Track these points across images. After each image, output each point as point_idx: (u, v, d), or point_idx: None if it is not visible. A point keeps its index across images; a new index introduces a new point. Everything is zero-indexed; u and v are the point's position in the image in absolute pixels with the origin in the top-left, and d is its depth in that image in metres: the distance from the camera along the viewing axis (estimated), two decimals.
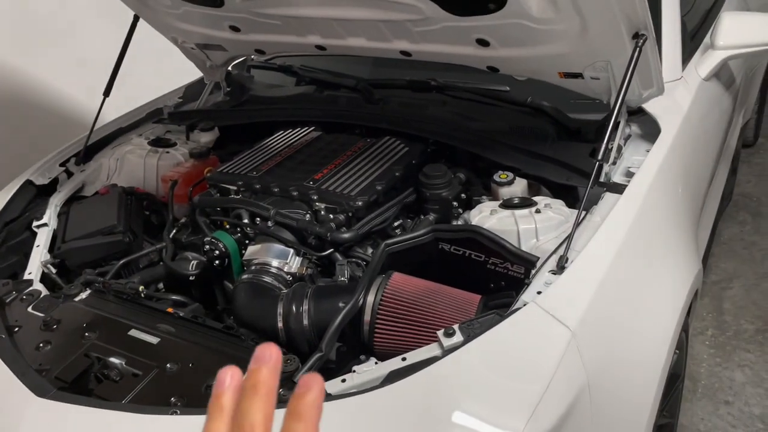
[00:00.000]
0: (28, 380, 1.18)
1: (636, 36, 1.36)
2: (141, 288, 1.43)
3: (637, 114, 1.70)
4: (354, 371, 1.10)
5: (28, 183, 1.84)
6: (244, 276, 1.43)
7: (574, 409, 1.06)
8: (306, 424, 0.44)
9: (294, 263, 1.46)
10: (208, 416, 0.46)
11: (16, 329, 1.35)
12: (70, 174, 1.93)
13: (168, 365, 1.19)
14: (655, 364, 1.31)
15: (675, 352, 1.43)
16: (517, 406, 1.01)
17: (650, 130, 1.66)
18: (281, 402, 0.45)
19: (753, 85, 3.03)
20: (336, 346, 1.25)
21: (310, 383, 0.45)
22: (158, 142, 2.03)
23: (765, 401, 2.18)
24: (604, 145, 1.37)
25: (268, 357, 0.47)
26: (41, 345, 1.30)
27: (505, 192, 1.53)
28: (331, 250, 1.46)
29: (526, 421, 0.98)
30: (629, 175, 1.50)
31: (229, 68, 2.27)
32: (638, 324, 1.30)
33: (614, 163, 1.54)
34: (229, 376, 0.47)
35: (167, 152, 1.98)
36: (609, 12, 1.30)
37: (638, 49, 1.37)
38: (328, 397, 1.06)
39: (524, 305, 1.13)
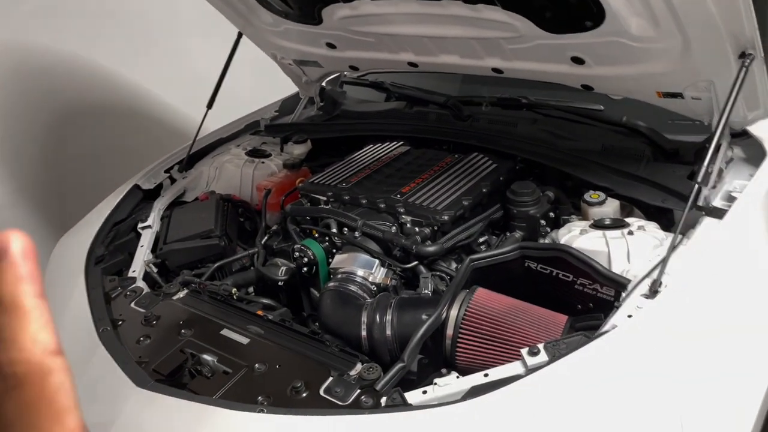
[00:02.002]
0: (129, 370, 1.26)
1: (743, 55, 1.31)
2: (234, 290, 1.50)
3: (741, 137, 1.62)
4: (436, 384, 1.11)
5: (136, 187, 1.98)
6: (331, 284, 1.47)
7: None
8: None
9: (379, 274, 1.49)
10: None
11: (120, 323, 1.45)
12: (173, 180, 2.05)
13: (257, 365, 1.24)
14: (751, 401, 1.23)
15: None
16: None
17: (754, 154, 1.58)
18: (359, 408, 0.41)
19: None
20: (418, 357, 1.26)
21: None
22: (254, 153, 2.13)
23: None
24: (704, 167, 1.32)
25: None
26: (142, 339, 1.38)
27: (596, 212, 1.50)
28: (416, 262, 1.48)
29: None
30: (730, 199, 1.43)
31: (323, 84, 2.36)
32: (733, 356, 1.23)
33: (714, 187, 1.47)
34: None
35: (262, 162, 2.07)
36: (714, 31, 1.26)
37: (745, 68, 1.31)
38: (409, 407, 1.07)
39: (613, 328, 1.10)
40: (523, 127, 1.84)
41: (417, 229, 1.53)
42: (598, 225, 1.40)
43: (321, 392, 1.15)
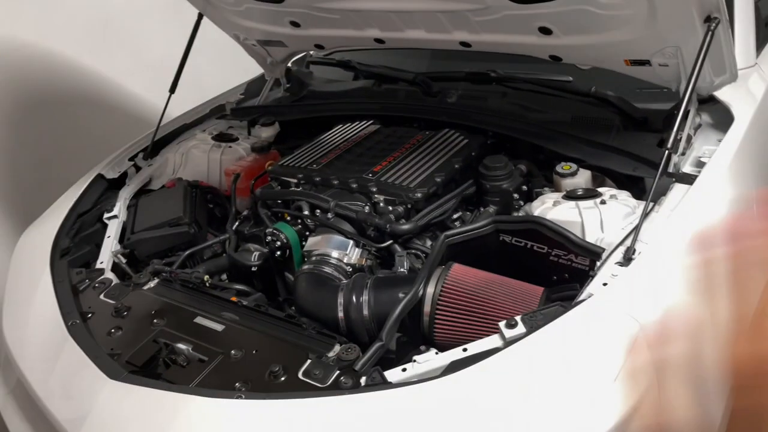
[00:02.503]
0: (101, 363, 1.23)
1: (708, 19, 1.31)
2: (206, 277, 1.47)
3: (708, 102, 1.63)
4: (415, 361, 1.10)
5: (100, 177, 1.93)
6: (305, 266, 1.45)
7: (641, 406, 1.03)
8: None
9: (354, 254, 1.47)
10: None
11: (90, 315, 1.41)
12: (138, 168, 2.00)
13: (233, 352, 1.22)
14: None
15: None
16: (581, 402, 0.98)
17: (722, 119, 1.59)
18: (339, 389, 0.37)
19: None
20: (396, 336, 1.25)
21: None
22: (221, 137, 2.08)
23: None
24: (673, 134, 1.32)
25: None
26: (113, 330, 1.35)
27: (568, 183, 1.50)
28: (391, 241, 1.46)
29: (589, 417, 0.95)
30: (700, 165, 1.44)
31: (289, 64, 2.31)
32: (709, 320, 1.25)
33: (683, 153, 1.48)
34: None
35: (230, 147, 2.02)
36: None
37: (710, 32, 1.31)
38: (389, 385, 1.06)
39: (590, 297, 1.10)
40: (493, 101, 1.83)
41: (390, 207, 1.51)
42: (571, 196, 1.41)
43: (300, 375, 1.13)
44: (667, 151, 1.32)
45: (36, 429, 1.37)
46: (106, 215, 1.77)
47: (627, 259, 1.17)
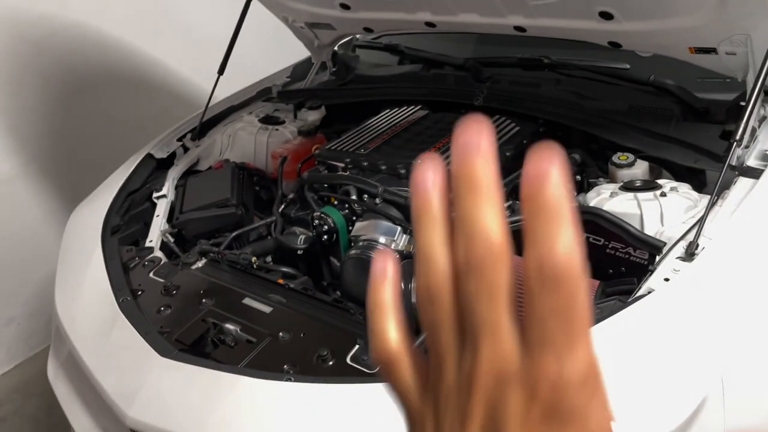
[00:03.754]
0: (151, 340, 1.24)
1: None
2: (254, 259, 1.47)
3: None
4: None
5: (149, 156, 1.94)
6: (352, 252, 1.43)
7: (704, 406, 0.99)
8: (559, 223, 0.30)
9: (401, 240, 1.45)
10: (417, 227, 0.34)
11: (140, 293, 1.43)
12: (186, 149, 2.01)
13: (281, 334, 1.22)
14: None
15: None
16: (639, 401, 0.95)
17: None
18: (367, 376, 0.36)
19: None
20: None
21: (543, 167, 0.29)
22: (268, 120, 2.08)
23: None
24: (742, 125, 1.26)
25: (476, 145, 0.31)
26: (162, 309, 1.36)
27: (625, 174, 1.45)
28: None
29: (647, 418, 0.92)
30: (765, 159, 1.38)
31: (336, 48, 2.29)
32: None
33: (747, 146, 1.42)
34: (430, 174, 0.34)
35: (276, 130, 2.02)
36: None
37: None
38: None
39: (650, 292, 1.07)
40: (546, 88, 1.79)
41: None
42: (629, 187, 1.36)
43: (348, 360, 1.12)
44: (734, 143, 1.27)
45: (85, 402, 1.40)
46: (155, 194, 1.78)
47: (690, 254, 1.13)
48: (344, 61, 2.31)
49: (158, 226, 1.67)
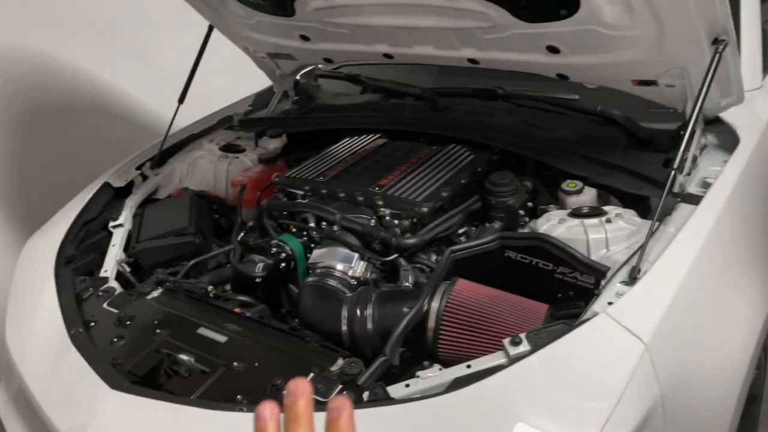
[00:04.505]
0: (103, 373, 1.23)
1: (716, 41, 1.32)
2: (210, 288, 1.47)
3: (714, 123, 1.63)
4: (418, 376, 1.10)
5: (106, 185, 1.93)
6: (309, 279, 1.45)
7: (645, 426, 1.02)
8: None
9: (359, 267, 1.47)
10: None
11: (92, 324, 1.41)
12: (145, 177, 2.00)
13: (235, 363, 1.21)
14: (732, 383, 1.25)
15: (754, 372, 1.36)
16: (585, 421, 0.98)
17: (728, 140, 1.59)
18: None
19: None
20: (399, 351, 1.24)
21: (341, 406, 0.51)
22: (228, 148, 2.09)
23: None
24: (680, 154, 1.32)
25: (302, 390, 0.52)
26: (115, 340, 1.35)
27: (574, 201, 1.50)
28: (396, 255, 1.46)
29: None
30: (705, 185, 1.44)
31: (298, 77, 2.32)
32: (714, 340, 1.24)
33: (689, 174, 1.48)
34: (268, 411, 0.51)
35: (237, 158, 2.03)
36: (688, 16, 1.26)
37: (718, 55, 1.32)
38: (392, 401, 1.06)
39: (594, 316, 1.10)
40: (500, 117, 1.84)
41: (396, 221, 1.51)
42: (576, 213, 1.40)
43: None
44: (673, 171, 1.32)
45: None
46: (111, 224, 1.77)
47: (632, 279, 1.17)
48: (306, 90, 2.34)
49: (114, 255, 1.66)
